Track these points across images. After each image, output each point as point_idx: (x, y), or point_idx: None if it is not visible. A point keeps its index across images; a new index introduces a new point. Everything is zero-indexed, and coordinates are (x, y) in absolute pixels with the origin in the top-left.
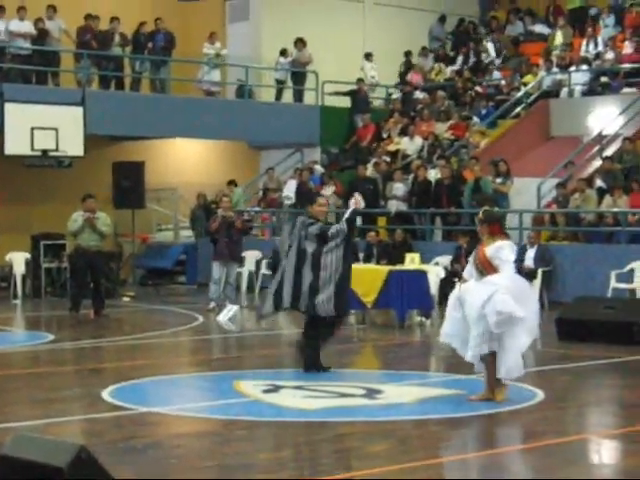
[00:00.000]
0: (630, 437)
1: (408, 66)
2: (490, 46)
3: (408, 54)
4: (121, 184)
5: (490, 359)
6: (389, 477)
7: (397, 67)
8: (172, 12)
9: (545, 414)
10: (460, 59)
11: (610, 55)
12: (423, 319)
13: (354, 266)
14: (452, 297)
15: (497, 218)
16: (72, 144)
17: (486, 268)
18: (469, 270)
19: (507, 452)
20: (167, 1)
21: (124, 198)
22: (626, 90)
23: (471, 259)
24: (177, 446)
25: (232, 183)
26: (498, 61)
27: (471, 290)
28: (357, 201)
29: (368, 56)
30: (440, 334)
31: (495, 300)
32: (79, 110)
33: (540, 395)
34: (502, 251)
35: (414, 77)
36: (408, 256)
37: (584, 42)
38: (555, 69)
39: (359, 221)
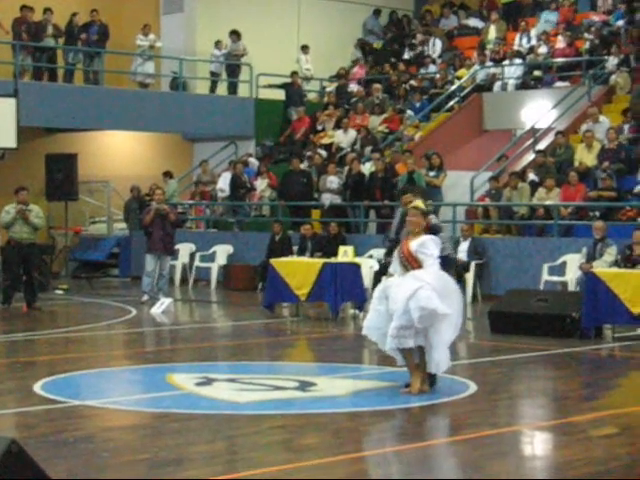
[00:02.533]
0: (562, 429)
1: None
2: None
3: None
4: (54, 176)
5: (419, 353)
6: (322, 469)
7: (332, 60)
8: (106, 3)
9: (477, 406)
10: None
11: (543, 49)
12: (356, 312)
13: (286, 259)
14: (377, 291)
15: (422, 212)
16: (5, 136)
17: (410, 263)
18: (394, 265)
19: (440, 444)
20: None
21: (57, 190)
22: (559, 84)
23: (395, 254)
24: (109, 439)
25: (168, 175)
26: (436, 55)
27: (396, 285)
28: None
29: (304, 48)
30: (363, 327)
31: (419, 296)
32: (12, 102)
33: (472, 387)
34: (426, 246)
35: (359, 71)
36: (342, 249)
37: (517, 36)
38: (489, 63)
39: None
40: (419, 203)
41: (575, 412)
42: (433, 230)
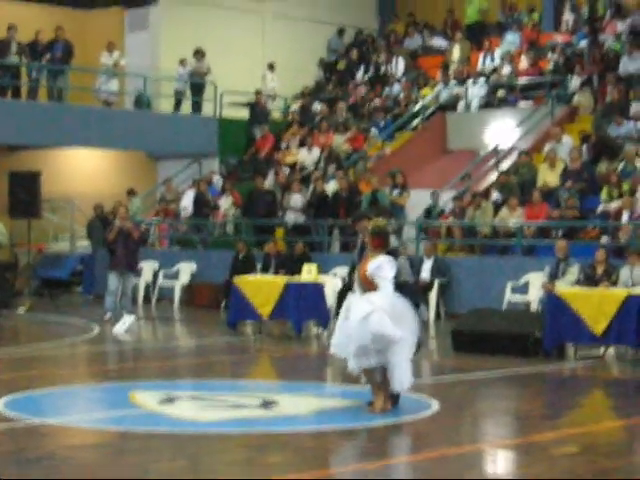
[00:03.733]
0: (524, 448)
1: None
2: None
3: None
4: (17, 194)
5: (381, 371)
6: None
7: (296, 78)
8: (71, 20)
9: (441, 424)
10: (360, 72)
11: (507, 69)
12: (320, 330)
13: (250, 277)
14: (343, 308)
15: (381, 232)
16: None
17: (366, 285)
18: (355, 285)
19: (403, 463)
20: (65, 9)
21: (20, 208)
22: (522, 104)
23: (355, 275)
24: (70, 458)
25: (131, 193)
26: (399, 74)
27: (353, 305)
28: None
29: (271, 67)
30: (330, 345)
31: (371, 320)
32: None
33: (436, 405)
34: (381, 268)
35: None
36: (306, 267)
37: (481, 56)
38: (452, 82)
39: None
40: (379, 222)
41: (537, 431)
42: (392, 253)
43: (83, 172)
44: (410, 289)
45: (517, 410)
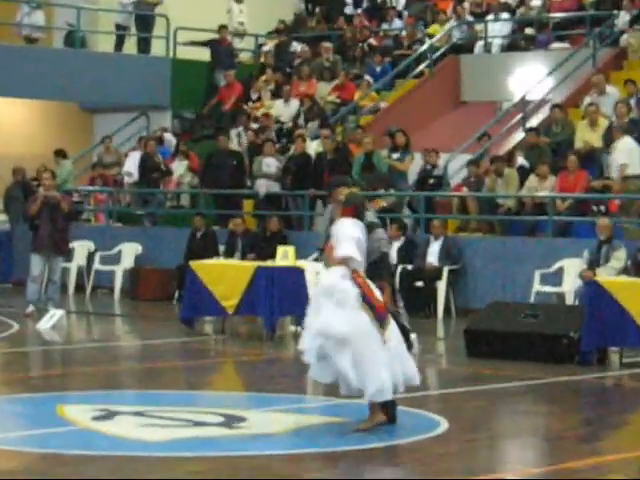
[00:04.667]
0: (555, 477)
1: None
2: None
3: None
4: None
5: None
6: None
7: (270, 12)
8: None
9: (450, 448)
10: (351, 3)
11: (537, 1)
12: (298, 328)
13: (210, 261)
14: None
15: (355, 203)
16: None
17: (330, 256)
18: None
19: None
20: None
21: None
22: (556, 45)
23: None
24: None
25: (60, 154)
26: (401, 7)
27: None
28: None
29: None
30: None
31: (318, 325)
32: None
33: (444, 424)
34: (344, 226)
35: None
36: (280, 249)
37: None
38: (468, 18)
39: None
40: (354, 192)
41: (573, 456)
42: (368, 228)
43: (0, 127)
44: (387, 262)
45: (546, 430)
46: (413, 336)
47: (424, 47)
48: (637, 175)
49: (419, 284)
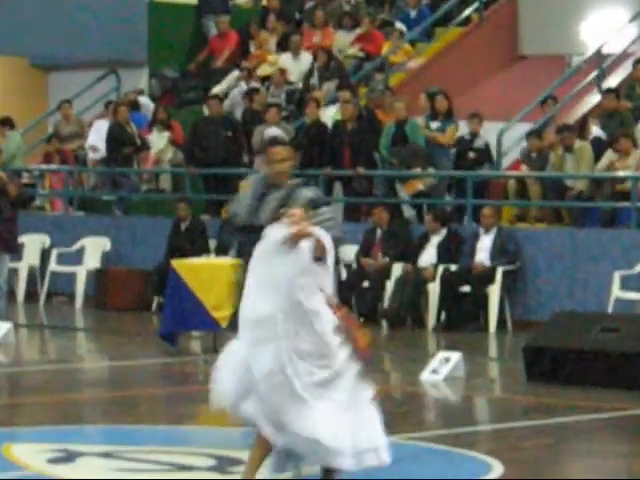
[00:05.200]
0: None
1: None
2: None
3: None
4: None
5: None
6: None
7: None
8: None
9: None
10: None
11: None
12: None
13: (198, 260)
14: None
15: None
16: None
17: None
18: None
19: None
20: None
21: None
22: None
23: None
24: None
25: (7, 124)
26: None
27: None
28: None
29: None
30: None
31: None
32: None
33: (497, 469)
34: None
35: None
36: None
37: None
38: None
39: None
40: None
41: None
42: (312, 206)
43: None
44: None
45: (630, 475)
46: (456, 356)
47: None
48: None
49: (465, 289)
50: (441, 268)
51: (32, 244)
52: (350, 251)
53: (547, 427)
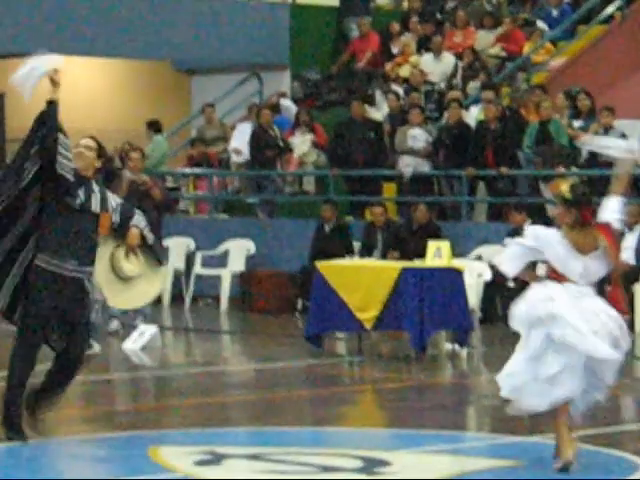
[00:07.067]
0: None
1: None
2: None
3: None
4: None
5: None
6: None
7: None
8: None
9: None
10: None
11: None
12: (456, 347)
13: (343, 262)
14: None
15: (589, 199)
16: None
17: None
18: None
19: None
20: None
21: None
22: None
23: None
24: None
25: (153, 127)
26: None
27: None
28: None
29: None
30: (500, 382)
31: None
32: None
33: None
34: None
35: None
36: (432, 245)
37: None
38: None
39: None
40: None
41: None
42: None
43: (74, 95)
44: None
45: None
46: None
47: None
48: None
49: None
50: None
51: (177, 248)
52: (493, 251)
53: None
